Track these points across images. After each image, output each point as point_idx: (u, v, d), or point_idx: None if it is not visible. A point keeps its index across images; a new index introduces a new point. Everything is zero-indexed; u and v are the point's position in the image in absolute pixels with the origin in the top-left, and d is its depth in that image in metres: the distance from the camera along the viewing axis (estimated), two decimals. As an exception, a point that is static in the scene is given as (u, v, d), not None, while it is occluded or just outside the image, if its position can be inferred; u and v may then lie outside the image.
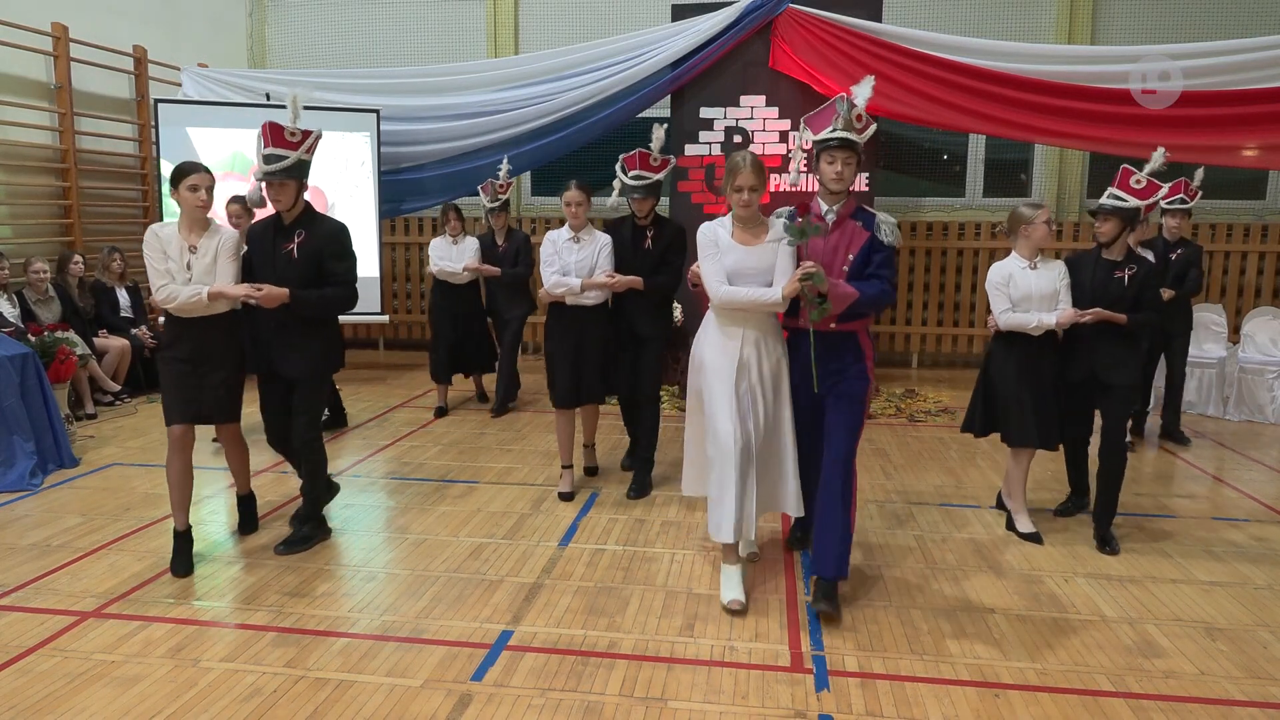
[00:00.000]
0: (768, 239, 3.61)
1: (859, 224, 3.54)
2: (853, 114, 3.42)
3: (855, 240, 3.52)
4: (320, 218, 4.02)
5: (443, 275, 6.75)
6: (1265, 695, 2.92)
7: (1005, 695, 2.90)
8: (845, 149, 3.43)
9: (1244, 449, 6.12)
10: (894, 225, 3.55)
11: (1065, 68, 6.94)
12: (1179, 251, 5.98)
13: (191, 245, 3.80)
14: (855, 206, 3.56)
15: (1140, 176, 4.10)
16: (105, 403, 6.96)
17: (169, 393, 3.85)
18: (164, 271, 3.74)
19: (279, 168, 3.81)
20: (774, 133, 7.35)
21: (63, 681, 2.95)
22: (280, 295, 3.80)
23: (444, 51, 9.45)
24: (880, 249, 3.50)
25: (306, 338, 3.96)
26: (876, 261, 3.51)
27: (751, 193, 3.54)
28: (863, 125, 3.48)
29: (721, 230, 3.66)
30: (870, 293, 3.45)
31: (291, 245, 3.91)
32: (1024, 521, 4.34)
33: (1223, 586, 3.79)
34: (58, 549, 4.11)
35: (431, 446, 5.96)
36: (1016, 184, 9.12)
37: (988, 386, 4.36)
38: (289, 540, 4.11)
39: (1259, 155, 6.49)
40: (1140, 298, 4.13)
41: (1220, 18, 8.38)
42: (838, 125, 3.40)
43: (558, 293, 4.71)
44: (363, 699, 2.85)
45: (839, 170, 3.45)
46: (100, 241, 7.68)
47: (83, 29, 7.54)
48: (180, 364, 3.82)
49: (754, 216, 3.61)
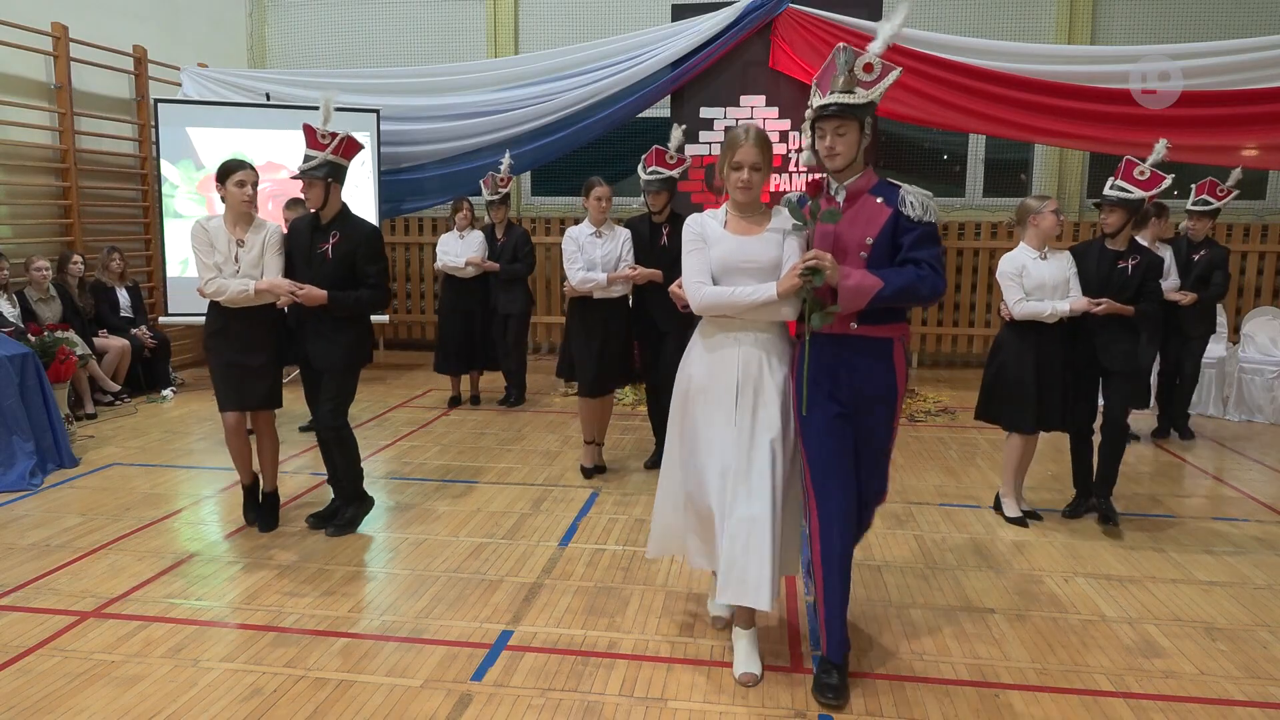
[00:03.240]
0: (769, 228, 2.94)
1: (878, 200, 2.82)
2: (859, 64, 2.76)
3: (874, 219, 2.80)
4: (356, 221, 4.20)
5: (447, 269, 6.87)
6: (1265, 695, 2.92)
7: (1005, 695, 2.90)
8: (834, 118, 2.77)
9: (1244, 449, 6.12)
10: (926, 198, 2.82)
11: (1065, 68, 6.94)
12: (1202, 253, 5.87)
13: (239, 239, 4.01)
14: (874, 180, 2.87)
15: (1144, 168, 4.18)
16: (105, 403, 6.96)
17: (220, 383, 4.11)
18: (212, 265, 3.96)
19: (307, 168, 4.02)
20: (774, 133, 7.34)
21: (63, 681, 2.95)
22: (319, 296, 4.01)
23: (444, 51, 9.44)
24: (911, 227, 2.78)
25: (338, 330, 4.15)
26: (908, 243, 2.78)
27: (753, 172, 2.88)
28: (874, 76, 2.77)
29: (712, 221, 2.99)
30: (898, 283, 2.73)
31: (327, 245, 4.09)
32: (1010, 506, 4.46)
33: (1222, 586, 3.79)
34: (58, 549, 4.11)
35: (431, 446, 5.96)
36: (1016, 184, 9.12)
37: (1000, 374, 4.40)
38: (337, 524, 4.29)
39: (1259, 155, 6.49)
40: (1142, 288, 4.23)
41: (1220, 18, 8.38)
42: (836, 85, 2.76)
43: (586, 288, 4.88)
44: (363, 699, 2.85)
45: (829, 144, 2.80)
46: (100, 242, 7.68)
47: (82, 29, 7.54)
48: (227, 354, 4.05)
49: (755, 203, 2.97)
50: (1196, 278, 5.85)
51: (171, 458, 5.63)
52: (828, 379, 2.86)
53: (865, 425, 2.89)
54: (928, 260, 2.76)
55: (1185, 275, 5.90)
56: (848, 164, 2.82)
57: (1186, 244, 5.94)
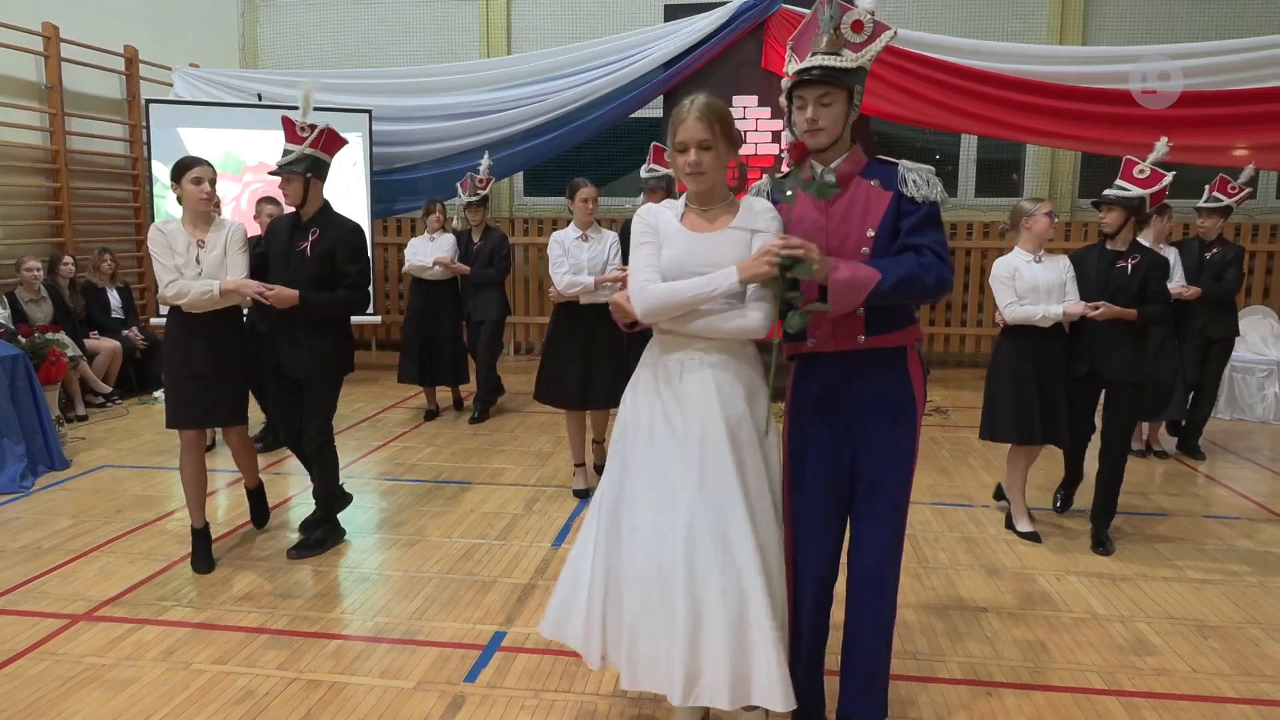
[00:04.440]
0: (734, 226, 2.37)
1: (874, 183, 2.35)
2: (846, 21, 2.32)
3: (873, 206, 2.33)
4: (337, 218, 3.97)
5: (413, 271, 6.60)
6: (1256, 692, 2.93)
7: (998, 694, 2.91)
8: (818, 84, 2.28)
9: (1235, 447, 6.15)
10: (929, 173, 2.35)
11: (1057, 68, 6.98)
12: (1215, 251, 5.73)
13: (199, 240, 3.74)
14: (864, 160, 2.39)
15: (1144, 166, 4.13)
16: (96, 404, 6.93)
17: (176, 398, 3.79)
18: (172, 268, 3.68)
19: (285, 162, 3.83)
20: (767, 133, 7.35)
21: (54, 685, 2.93)
22: (290, 297, 3.76)
23: (436, 52, 9.43)
24: (912, 208, 2.32)
25: (314, 336, 3.90)
26: (906, 227, 2.31)
27: (702, 152, 2.31)
28: (864, 37, 2.33)
29: (667, 213, 2.44)
30: (897, 273, 2.25)
31: (305, 244, 3.88)
32: (1023, 521, 4.34)
33: (1214, 584, 3.81)
34: (49, 551, 4.09)
35: (424, 447, 5.95)
36: (1008, 184, 9.14)
37: (997, 387, 4.26)
38: (302, 544, 4.05)
39: (1251, 155, 6.52)
40: (1145, 288, 4.09)
41: (1211, 18, 8.42)
42: (819, 45, 2.30)
43: (572, 293, 4.67)
44: (355, 700, 2.84)
45: (810, 114, 2.30)
46: (91, 242, 7.66)
47: (73, 29, 7.51)
48: (187, 367, 3.76)
49: (714, 192, 2.40)
50: (1210, 276, 5.68)
51: (163, 459, 5.61)
52: (827, 412, 2.40)
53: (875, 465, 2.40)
54: (930, 246, 2.29)
55: (1199, 274, 5.72)
56: (832, 141, 2.33)
57: (1199, 243, 5.81)
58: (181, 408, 3.79)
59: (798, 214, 2.39)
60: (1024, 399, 4.18)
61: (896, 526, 2.45)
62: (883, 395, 2.39)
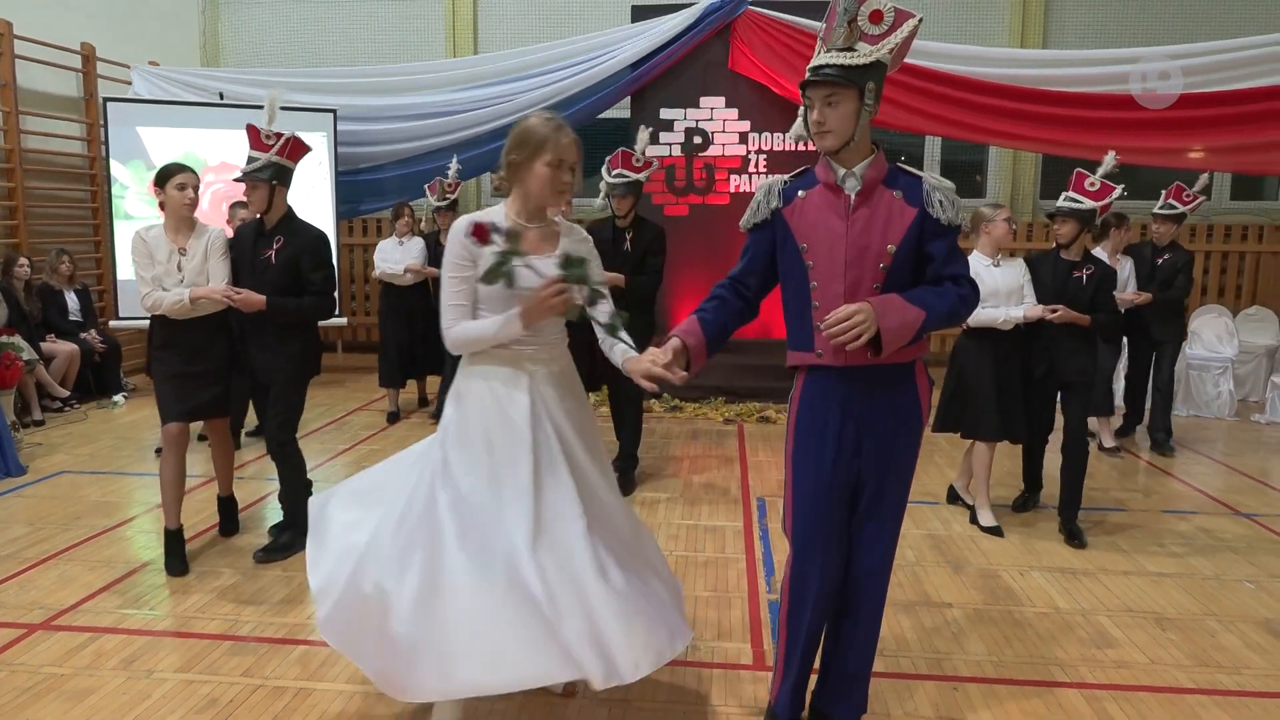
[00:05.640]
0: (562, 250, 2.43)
1: (897, 194, 2.26)
2: (864, 11, 2.17)
3: (896, 219, 2.25)
4: (301, 226, 4.00)
5: (385, 277, 6.64)
6: (1213, 683, 3.00)
7: (963, 688, 2.95)
8: (823, 84, 2.20)
9: (1192, 444, 6.28)
10: (953, 193, 2.29)
11: (1018, 71, 7.10)
12: (1166, 257, 5.85)
13: (181, 248, 3.84)
14: (885, 167, 2.29)
15: (1094, 179, 4.23)
16: (53, 409, 6.79)
17: (164, 391, 3.88)
18: (150, 279, 3.77)
19: (250, 169, 3.86)
20: (734, 134, 7.40)
21: (11, 696, 2.86)
22: (257, 302, 3.81)
23: (402, 51, 9.36)
24: (941, 232, 2.26)
25: (282, 341, 3.96)
26: (941, 254, 2.26)
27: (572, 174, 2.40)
28: (884, 28, 2.19)
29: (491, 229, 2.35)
30: (941, 308, 2.22)
31: (270, 251, 3.92)
32: (986, 515, 4.43)
33: (1172, 577, 3.89)
34: (4, 560, 3.99)
35: (391, 450, 5.86)
36: (972, 185, 9.27)
37: (959, 382, 4.42)
38: (268, 547, 4.04)
39: (1206, 158, 6.67)
40: (1096, 299, 4.26)
41: (1172, 22, 8.59)
42: (835, 41, 2.20)
43: None
44: (322, 706, 2.81)
45: (816, 116, 2.23)
46: (48, 244, 7.48)
47: (28, 25, 7.34)
48: (174, 363, 3.87)
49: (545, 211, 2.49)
50: (1161, 282, 5.80)
51: (123, 464, 5.51)
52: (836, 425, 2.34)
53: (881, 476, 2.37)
54: (966, 276, 2.28)
55: (1150, 280, 5.84)
56: (842, 143, 2.23)
57: (1151, 249, 5.93)
58: (170, 402, 3.89)
59: (813, 219, 2.30)
60: (1006, 399, 4.31)
61: (894, 535, 2.47)
62: (891, 409, 2.35)
